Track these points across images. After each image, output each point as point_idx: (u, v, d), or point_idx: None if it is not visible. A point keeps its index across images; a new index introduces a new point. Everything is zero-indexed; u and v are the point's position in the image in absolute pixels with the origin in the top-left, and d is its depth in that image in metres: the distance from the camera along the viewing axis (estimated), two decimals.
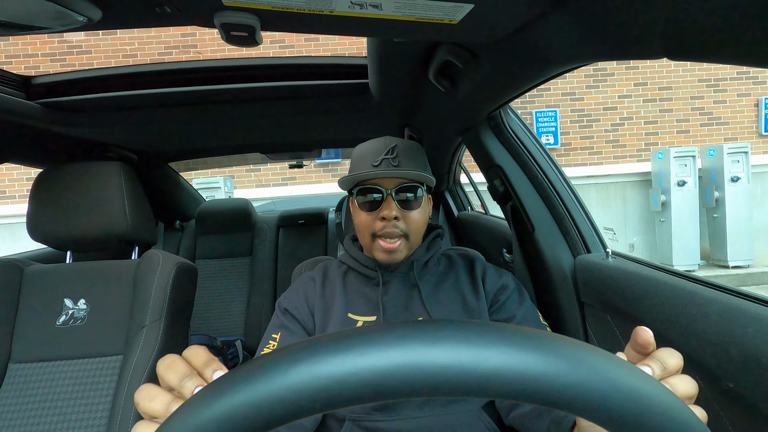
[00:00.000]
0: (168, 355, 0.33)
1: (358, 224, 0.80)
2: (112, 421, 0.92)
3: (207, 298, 2.05)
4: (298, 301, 0.82)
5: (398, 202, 0.76)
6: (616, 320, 0.80)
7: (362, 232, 0.79)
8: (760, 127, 5.28)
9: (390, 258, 0.77)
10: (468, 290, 0.80)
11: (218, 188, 4.49)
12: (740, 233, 4.64)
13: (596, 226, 0.96)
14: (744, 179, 4.63)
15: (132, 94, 1.07)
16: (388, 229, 0.75)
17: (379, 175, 0.75)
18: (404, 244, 0.77)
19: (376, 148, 0.79)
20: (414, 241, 0.79)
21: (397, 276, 0.81)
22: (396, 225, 0.76)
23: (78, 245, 1.14)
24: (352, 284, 0.83)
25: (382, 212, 0.76)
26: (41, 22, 0.56)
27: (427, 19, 0.56)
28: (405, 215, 0.77)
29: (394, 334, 0.22)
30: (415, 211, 0.78)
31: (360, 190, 0.78)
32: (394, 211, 0.75)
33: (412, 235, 0.78)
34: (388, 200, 0.76)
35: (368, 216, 0.78)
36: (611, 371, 0.21)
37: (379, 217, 0.76)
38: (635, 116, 5.28)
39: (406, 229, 0.77)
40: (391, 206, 0.75)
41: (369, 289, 0.81)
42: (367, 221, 0.78)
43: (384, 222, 0.76)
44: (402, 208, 0.77)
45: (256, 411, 0.20)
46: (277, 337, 0.77)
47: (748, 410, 0.51)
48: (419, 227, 0.79)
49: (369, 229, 0.78)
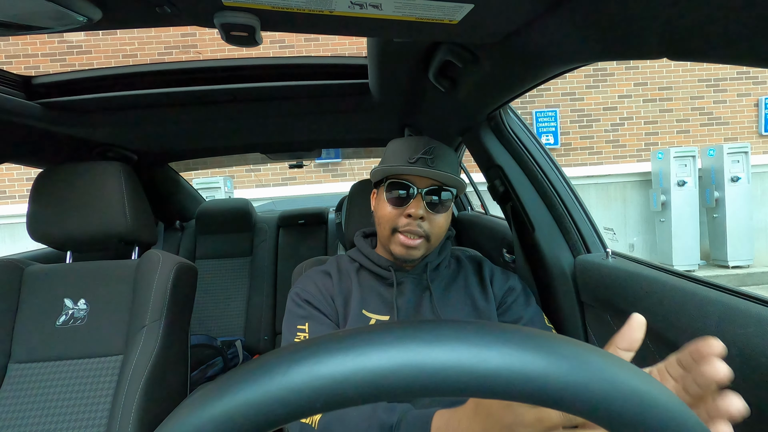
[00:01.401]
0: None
1: (381, 216, 0.80)
2: (112, 421, 0.92)
3: (207, 298, 2.05)
4: (320, 294, 0.80)
5: (427, 203, 0.76)
6: (616, 320, 0.80)
7: (384, 225, 0.79)
8: (760, 127, 5.28)
9: (408, 254, 0.77)
10: (477, 292, 0.81)
11: (218, 188, 4.49)
12: (740, 233, 4.64)
13: (596, 226, 0.96)
14: (744, 179, 4.63)
15: (132, 94, 1.07)
16: (412, 227, 0.76)
17: (414, 172, 0.75)
18: (423, 245, 0.77)
19: (413, 146, 0.79)
20: (434, 243, 0.79)
21: (410, 277, 0.81)
22: (420, 225, 0.76)
23: (78, 245, 1.14)
24: (365, 281, 0.82)
25: (409, 209, 0.76)
26: (41, 22, 0.56)
27: (427, 19, 0.56)
28: (430, 217, 0.77)
29: (394, 333, 0.22)
30: (441, 215, 0.78)
31: (391, 184, 0.78)
32: (422, 210, 0.75)
33: (434, 238, 0.78)
34: (417, 198, 0.76)
35: (394, 210, 0.78)
36: (612, 371, 0.21)
37: (405, 214, 0.76)
38: (635, 116, 5.28)
39: (429, 231, 0.77)
40: (419, 205, 0.75)
41: (383, 288, 0.81)
42: (392, 215, 0.78)
43: (409, 219, 0.76)
44: (429, 209, 0.76)
45: (256, 411, 0.20)
46: (306, 327, 0.75)
47: (748, 410, 0.51)
48: (441, 231, 0.79)
49: (391, 223, 0.78)
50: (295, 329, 0.76)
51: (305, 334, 0.75)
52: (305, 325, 0.76)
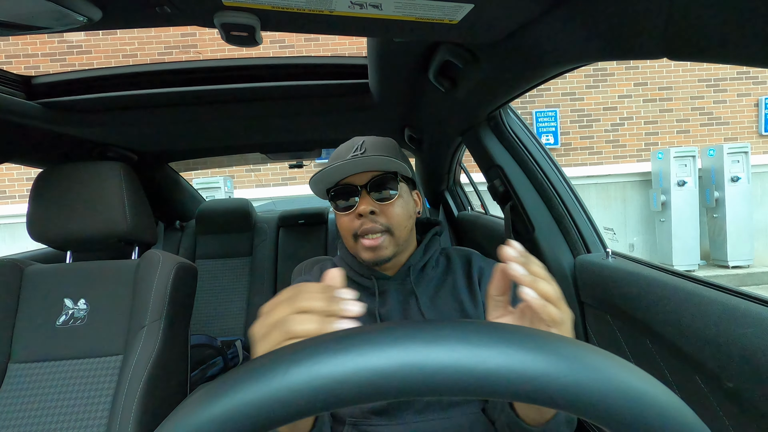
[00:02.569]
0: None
1: (340, 228, 0.77)
2: (112, 421, 0.92)
3: (207, 298, 2.05)
4: None
5: (374, 197, 0.74)
6: (616, 320, 0.80)
7: (345, 235, 0.77)
8: (760, 127, 5.28)
9: (376, 256, 0.74)
10: (465, 296, 0.78)
11: (218, 188, 4.50)
12: (740, 233, 4.64)
13: (596, 226, 0.96)
14: (744, 179, 4.63)
15: (132, 94, 1.07)
16: (367, 225, 0.72)
17: (344, 168, 0.71)
18: (388, 240, 0.74)
19: (344, 150, 0.77)
20: (399, 236, 0.75)
21: (393, 283, 0.78)
22: (375, 220, 0.73)
23: (78, 245, 1.14)
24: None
25: (358, 209, 0.73)
26: (41, 22, 0.56)
27: (427, 19, 0.56)
28: (383, 209, 0.74)
29: (394, 334, 0.22)
30: (394, 205, 0.74)
31: (335, 193, 0.76)
32: (370, 206, 0.72)
33: (396, 229, 0.74)
34: (363, 195, 0.73)
35: (346, 216, 0.75)
36: (611, 371, 0.21)
37: (356, 215, 0.74)
38: (635, 116, 5.28)
39: (387, 224, 0.74)
40: (365, 201, 0.72)
41: (365, 299, 0.78)
42: (347, 222, 0.75)
43: (362, 219, 0.73)
44: (378, 201, 0.74)
45: (256, 411, 0.20)
46: None
47: (748, 410, 0.51)
48: (401, 221, 0.75)
49: (350, 230, 0.75)
50: None
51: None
52: None
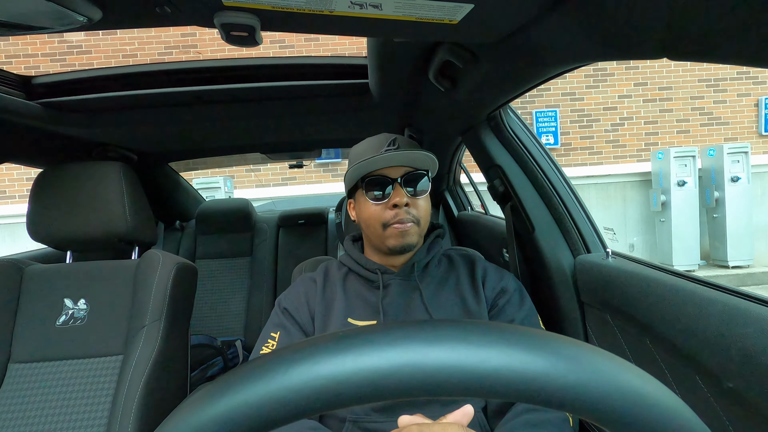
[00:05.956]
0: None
1: (367, 217, 0.80)
2: (112, 421, 0.92)
3: (207, 298, 2.05)
4: (298, 301, 0.81)
5: (407, 189, 0.77)
6: (616, 320, 0.80)
7: (372, 224, 0.79)
8: (760, 127, 5.28)
9: (404, 241, 0.77)
10: (468, 293, 0.80)
11: (218, 188, 4.49)
12: (740, 233, 4.64)
13: (596, 226, 0.96)
14: (744, 179, 4.63)
15: (132, 94, 1.07)
16: (401, 215, 0.76)
17: (389, 160, 0.76)
18: (416, 229, 0.78)
19: (376, 143, 0.80)
20: (423, 228, 0.81)
21: (397, 279, 0.81)
22: (408, 211, 0.77)
23: (78, 245, 1.14)
24: (352, 287, 0.82)
25: (393, 200, 0.77)
26: (41, 22, 0.56)
27: (427, 19, 0.56)
28: (414, 202, 0.78)
29: (394, 334, 0.22)
30: (423, 199, 0.80)
31: (368, 182, 0.78)
32: (405, 197, 0.76)
33: (422, 221, 0.79)
34: (397, 188, 0.77)
35: (378, 206, 0.78)
36: (612, 371, 0.21)
37: (389, 206, 0.77)
38: (635, 116, 5.27)
39: (417, 215, 0.78)
40: (401, 193, 0.76)
41: (369, 292, 0.81)
42: (377, 212, 0.78)
43: (396, 210, 0.77)
44: (411, 195, 0.78)
45: (256, 411, 0.20)
46: (276, 336, 0.77)
47: (748, 410, 0.51)
48: (427, 215, 0.81)
49: (379, 220, 0.78)
50: (268, 335, 0.78)
51: (274, 342, 0.76)
52: (277, 333, 0.78)
